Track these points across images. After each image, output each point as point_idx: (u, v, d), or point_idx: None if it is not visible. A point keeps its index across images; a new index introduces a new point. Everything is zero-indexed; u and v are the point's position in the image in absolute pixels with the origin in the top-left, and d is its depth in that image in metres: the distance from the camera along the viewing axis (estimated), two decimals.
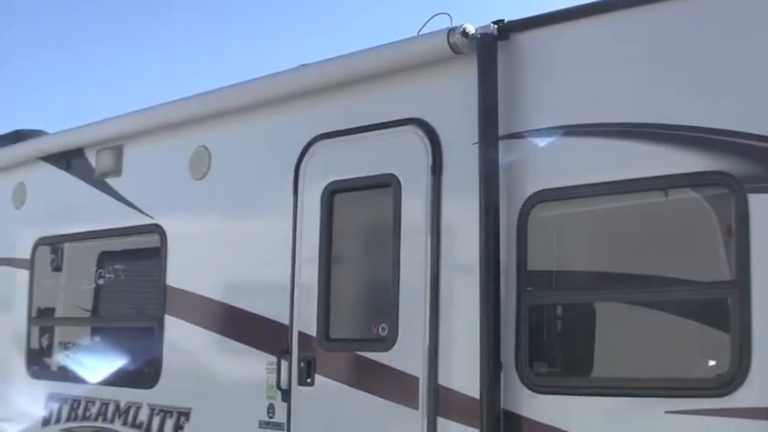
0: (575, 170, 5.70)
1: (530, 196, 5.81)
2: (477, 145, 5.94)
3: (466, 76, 6.06)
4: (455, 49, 6.14)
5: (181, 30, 24.77)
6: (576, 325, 5.95)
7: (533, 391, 5.71)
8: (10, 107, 23.91)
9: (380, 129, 6.61)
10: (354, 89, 6.85)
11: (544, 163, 5.84)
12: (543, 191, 5.77)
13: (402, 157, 6.45)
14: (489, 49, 6.00)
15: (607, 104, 5.66)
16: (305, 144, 7.01)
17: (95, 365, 8.79)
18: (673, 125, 5.31)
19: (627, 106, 5.56)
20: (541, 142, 5.83)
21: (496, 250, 5.82)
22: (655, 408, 5.22)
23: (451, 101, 6.32)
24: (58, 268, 9.39)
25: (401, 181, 6.40)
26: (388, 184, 6.46)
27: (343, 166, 6.79)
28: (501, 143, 5.92)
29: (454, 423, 6.04)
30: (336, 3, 23.23)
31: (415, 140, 6.36)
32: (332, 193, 6.78)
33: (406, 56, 6.56)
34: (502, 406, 5.77)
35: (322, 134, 6.93)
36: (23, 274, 9.59)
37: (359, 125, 6.72)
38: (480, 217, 5.86)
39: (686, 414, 5.12)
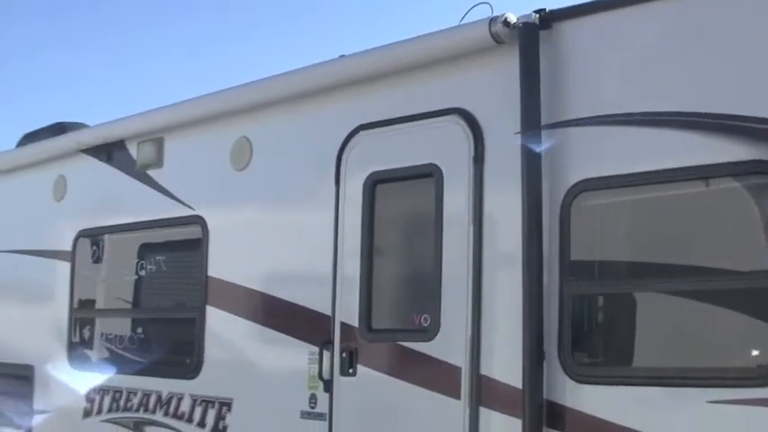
0: (617, 160, 5.72)
1: (572, 186, 5.85)
2: (519, 135, 5.99)
3: (508, 65, 6.11)
4: (497, 39, 6.19)
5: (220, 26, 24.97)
6: (619, 315, 5.95)
7: (576, 381, 5.74)
8: (51, 99, 24.18)
9: (422, 119, 6.66)
10: (396, 79, 6.90)
11: (586, 152, 5.87)
12: (586, 180, 5.81)
13: (444, 147, 6.50)
14: (531, 38, 6.03)
15: (649, 93, 5.67)
16: (347, 135, 7.07)
17: (137, 356, 8.93)
18: (715, 114, 5.33)
19: (669, 95, 5.58)
20: (584, 132, 5.86)
21: (539, 240, 5.86)
22: (697, 397, 5.25)
23: (493, 90, 6.36)
24: (99, 260, 9.49)
25: (443, 171, 6.44)
26: (430, 175, 6.51)
27: (384, 156, 6.84)
28: (543, 132, 5.96)
29: (496, 413, 6.08)
30: None
31: (456, 130, 6.41)
32: (374, 184, 6.84)
33: (447, 46, 6.60)
34: (544, 396, 5.81)
35: (364, 124, 6.99)
36: (64, 266, 9.71)
37: (400, 115, 6.78)
38: (523, 207, 5.90)
39: (728, 404, 5.14)
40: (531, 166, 5.92)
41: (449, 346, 6.30)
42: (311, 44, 21.46)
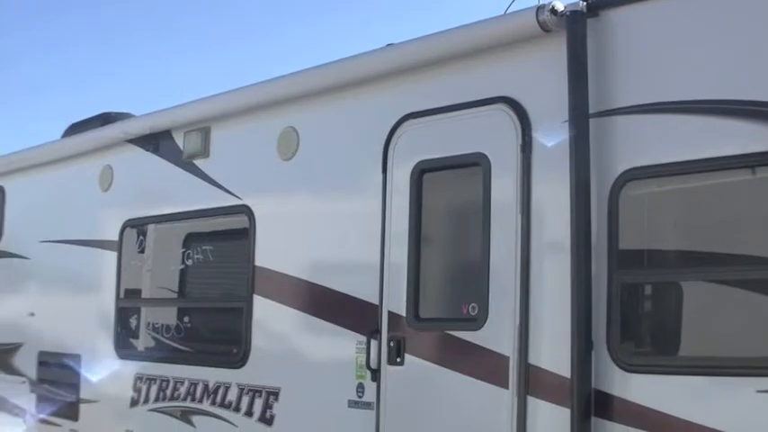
0: (665, 148, 5.75)
1: (620, 174, 5.88)
2: (566, 123, 6.04)
3: (555, 53, 6.15)
4: (544, 27, 6.24)
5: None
6: (667, 304, 5.97)
7: (624, 370, 5.78)
8: (96, 90, 24.40)
9: (469, 108, 6.70)
10: (443, 68, 6.95)
11: (635, 141, 5.90)
12: (634, 169, 5.84)
13: (491, 135, 6.54)
14: (578, 26, 6.07)
15: (697, 81, 5.70)
16: (394, 123, 7.13)
17: (183, 345, 9.05)
18: (763, 102, 5.35)
19: (717, 83, 5.60)
20: (632, 120, 5.90)
21: (587, 229, 5.90)
22: (746, 387, 5.28)
23: (541, 79, 6.41)
24: (145, 250, 9.60)
25: (491, 160, 6.49)
26: (477, 164, 6.55)
27: (432, 145, 6.89)
28: (591, 121, 6.00)
29: (545, 402, 6.12)
30: None
31: (504, 119, 6.46)
32: (421, 173, 6.89)
33: (494, 34, 6.66)
34: (593, 385, 5.85)
35: (411, 113, 7.04)
36: (111, 256, 9.84)
37: (448, 104, 6.83)
38: (571, 195, 5.95)
39: None
40: (579, 155, 5.96)
41: (497, 335, 6.34)
42: (355, 34, 21.56)
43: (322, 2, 25.22)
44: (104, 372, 9.92)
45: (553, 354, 6.09)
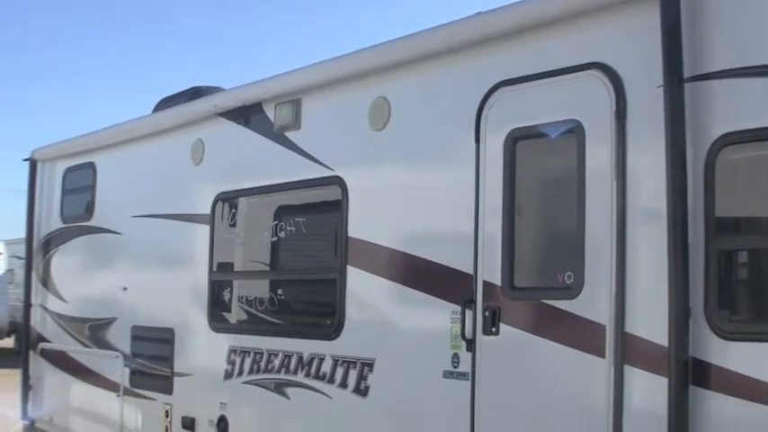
0: (762, 111, 5.74)
1: (716, 139, 5.90)
2: (661, 88, 6.05)
3: (649, 17, 6.19)
4: None
5: None
6: (765, 270, 5.97)
7: (722, 337, 5.80)
8: (188, 64, 24.75)
9: (562, 74, 6.73)
10: (535, 35, 6.99)
11: (730, 105, 5.90)
12: (730, 133, 5.85)
13: (585, 102, 6.57)
14: None
15: None
16: (486, 91, 7.17)
17: (277, 318, 9.21)
18: None
19: None
20: (728, 84, 5.89)
21: (684, 195, 5.93)
22: None
23: (634, 44, 6.42)
24: (238, 223, 9.77)
25: (585, 127, 6.52)
26: (571, 131, 6.60)
27: (525, 112, 6.93)
28: (686, 85, 6.01)
29: (642, 371, 6.15)
30: None
31: (598, 85, 6.48)
32: (514, 141, 6.93)
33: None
34: (690, 353, 5.89)
35: (503, 81, 7.09)
36: (204, 230, 10.04)
37: (541, 71, 6.87)
38: (666, 161, 5.98)
39: None
40: (675, 121, 5.98)
41: (593, 303, 6.38)
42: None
43: None
44: (198, 345, 10.18)
45: (650, 322, 6.11)
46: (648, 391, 6.11)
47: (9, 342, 39.55)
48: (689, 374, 5.90)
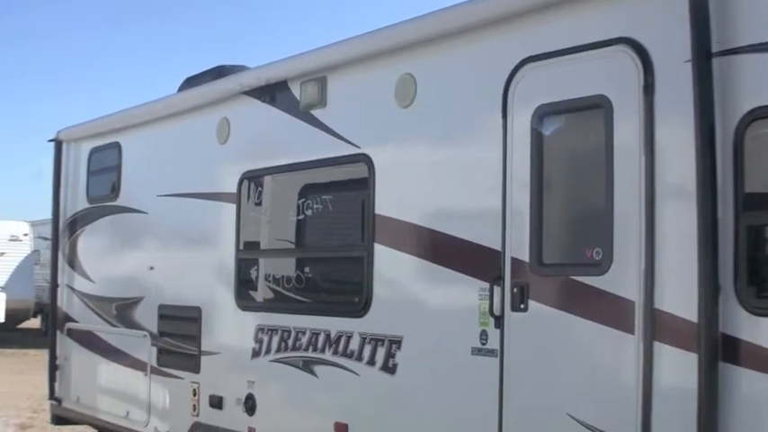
0: None
1: (745, 114, 5.89)
2: (689, 63, 6.04)
3: None
4: None
5: None
6: None
7: (752, 313, 5.80)
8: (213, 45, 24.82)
9: (590, 49, 6.72)
10: (562, 10, 6.98)
11: (759, 79, 5.89)
12: (759, 108, 5.84)
13: (613, 77, 6.56)
14: None
15: None
16: (513, 67, 7.17)
17: (304, 296, 9.24)
18: None
19: None
20: (756, 58, 5.88)
21: (713, 170, 5.92)
22: None
23: (661, 18, 6.40)
24: (264, 201, 9.81)
25: (612, 102, 6.50)
26: (599, 106, 6.57)
27: (552, 88, 6.92)
28: (714, 60, 6.01)
29: (671, 347, 6.16)
30: None
31: (625, 60, 6.46)
32: (542, 117, 6.93)
33: None
34: (720, 329, 5.89)
35: (530, 57, 7.08)
36: (230, 208, 10.07)
37: (568, 46, 6.85)
38: (695, 136, 5.97)
39: None
40: (703, 95, 5.98)
41: (622, 279, 6.39)
42: None
43: None
44: (225, 324, 10.23)
45: (679, 298, 6.11)
46: (678, 368, 6.12)
47: (36, 322, 39.90)
48: (719, 351, 5.90)
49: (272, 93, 9.63)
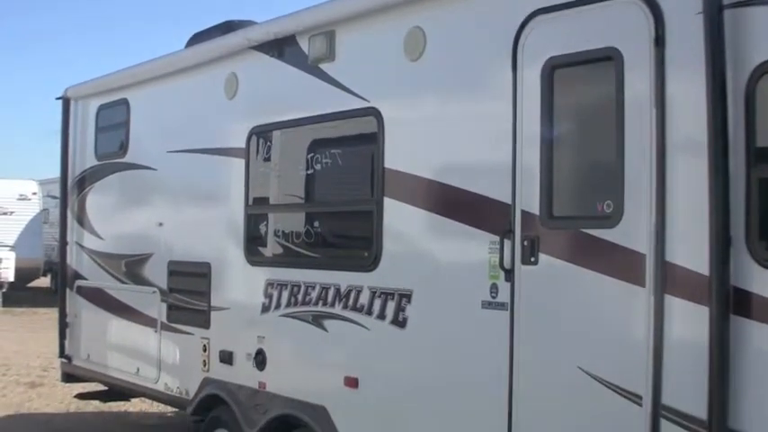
0: None
1: (757, 66, 5.86)
2: (701, 15, 6.01)
3: None
4: None
5: None
6: None
7: (764, 267, 5.79)
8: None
9: (600, 1, 6.67)
10: None
11: None
12: None
13: (623, 29, 6.52)
14: None
15: None
16: (523, 20, 7.12)
17: (313, 251, 9.25)
18: None
19: None
20: None
21: (724, 123, 5.90)
22: None
23: None
24: (273, 156, 9.81)
25: (623, 54, 6.47)
26: (609, 58, 6.54)
27: (562, 40, 6.89)
28: (726, 12, 5.96)
29: (682, 300, 6.15)
30: None
31: (636, 12, 6.42)
32: (552, 69, 6.89)
33: None
34: (731, 282, 5.89)
35: (540, 9, 7.03)
36: (239, 164, 10.08)
37: None
38: (707, 89, 5.95)
39: None
40: (714, 47, 5.94)
41: (632, 232, 6.38)
42: None
43: None
44: (234, 279, 10.27)
45: (690, 251, 6.10)
46: (689, 321, 6.12)
47: (45, 281, 40.07)
48: (730, 304, 5.90)
49: (281, 47, 9.60)
